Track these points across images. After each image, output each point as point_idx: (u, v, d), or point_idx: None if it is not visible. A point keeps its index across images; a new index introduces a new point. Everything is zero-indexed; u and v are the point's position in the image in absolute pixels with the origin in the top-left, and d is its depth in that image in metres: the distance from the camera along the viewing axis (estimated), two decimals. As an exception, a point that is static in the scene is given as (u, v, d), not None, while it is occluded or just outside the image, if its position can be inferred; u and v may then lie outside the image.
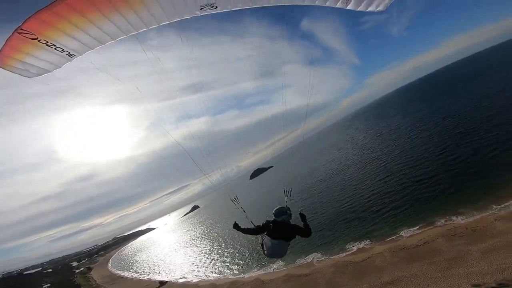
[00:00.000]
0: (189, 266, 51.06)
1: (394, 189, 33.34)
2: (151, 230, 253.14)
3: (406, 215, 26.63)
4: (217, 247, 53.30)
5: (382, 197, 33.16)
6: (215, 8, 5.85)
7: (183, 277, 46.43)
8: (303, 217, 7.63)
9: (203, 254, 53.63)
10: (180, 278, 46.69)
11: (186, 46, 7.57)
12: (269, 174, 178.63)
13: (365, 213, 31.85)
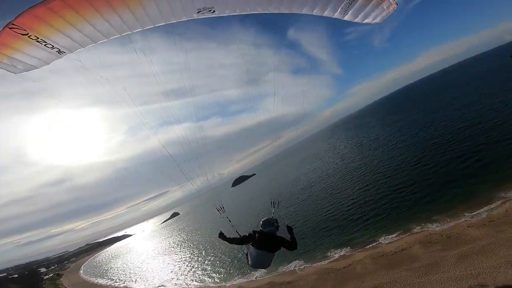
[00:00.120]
0: (168, 274, 49.50)
1: (373, 197, 34.19)
2: (128, 236, 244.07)
3: (385, 223, 27.30)
4: (197, 255, 52.16)
5: (361, 205, 33.87)
6: (213, 12, 5.92)
7: (162, 285, 44.93)
8: (290, 229, 7.67)
9: (183, 262, 52.27)
10: (158, 286, 45.17)
11: (179, 50, 7.57)
12: (251, 182, 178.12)
13: (345, 221, 32.42)
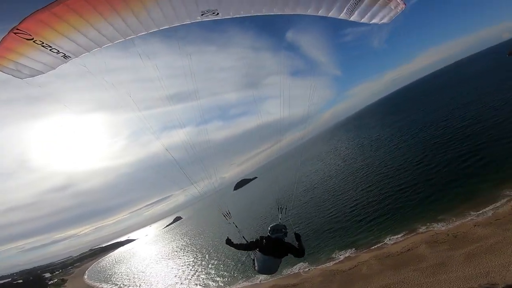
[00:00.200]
0: (172, 278, 49.27)
1: (377, 198, 34.03)
2: (131, 241, 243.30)
3: (389, 223, 27.15)
4: (201, 259, 52.00)
5: (365, 206, 33.70)
6: (217, 14, 5.90)
7: (166, 289, 44.74)
8: (298, 237, 7.60)
9: (187, 266, 52.07)
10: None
11: (182, 54, 7.56)
12: (253, 185, 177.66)
13: (349, 222, 32.26)
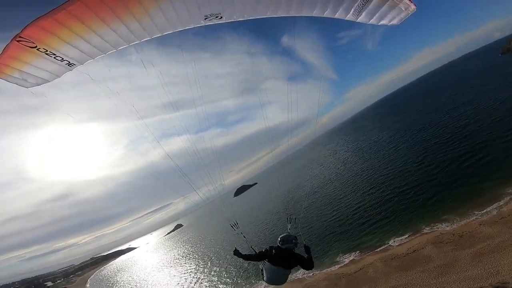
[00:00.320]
0: (174, 286, 48.80)
1: (378, 200, 33.85)
2: (132, 249, 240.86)
3: (393, 225, 26.96)
4: (203, 266, 51.48)
5: (367, 209, 33.48)
6: (220, 18, 5.88)
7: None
8: (308, 249, 7.58)
9: (189, 274, 51.51)
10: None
11: (186, 61, 7.53)
12: (253, 191, 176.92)
13: (352, 225, 32.01)
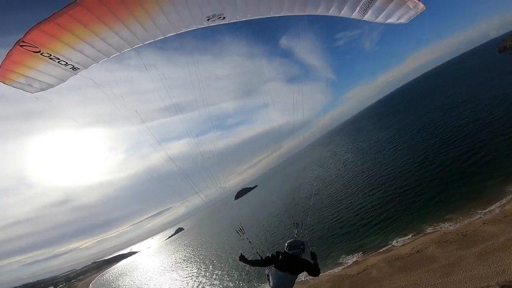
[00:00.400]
0: (176, 290, 48.59)
1: (380, 201, 33.73)
2: (134, 253, 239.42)
3: (396, 226, 26.85)
4: (205, 269, 51.31)
5: (369, 210, 33.37)
6: (223, 18, 5.86)
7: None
8: (314, 256, 7.58)
9: (191, 277, 51.31)
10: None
11: (189, 63, 7.50)
12: (254, 194, 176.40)
13: (354, 226, 31.87)
